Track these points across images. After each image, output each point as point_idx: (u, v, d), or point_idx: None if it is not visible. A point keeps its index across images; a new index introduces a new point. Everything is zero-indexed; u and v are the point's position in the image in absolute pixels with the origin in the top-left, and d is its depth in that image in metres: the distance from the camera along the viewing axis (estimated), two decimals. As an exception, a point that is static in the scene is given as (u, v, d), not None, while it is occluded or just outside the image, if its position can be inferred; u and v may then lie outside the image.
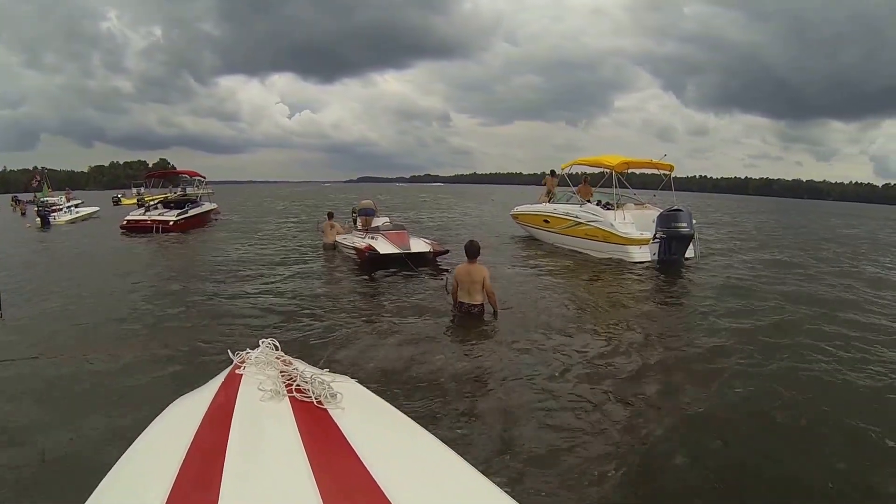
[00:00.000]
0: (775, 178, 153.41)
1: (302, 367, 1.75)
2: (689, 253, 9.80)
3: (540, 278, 8.27)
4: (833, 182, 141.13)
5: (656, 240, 9.39)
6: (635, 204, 11.13)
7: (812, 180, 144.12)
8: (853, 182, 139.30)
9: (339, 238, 10.21)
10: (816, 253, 12.70)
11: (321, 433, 1.35)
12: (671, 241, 9.31)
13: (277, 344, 1.95)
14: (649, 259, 9.41)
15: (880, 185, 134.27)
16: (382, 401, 1.71)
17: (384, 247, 8.45)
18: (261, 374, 1.68)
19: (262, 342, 1.95)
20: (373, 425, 1.53)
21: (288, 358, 1.87)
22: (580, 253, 10.50)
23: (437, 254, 8.88)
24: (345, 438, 1.31)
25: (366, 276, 8.03)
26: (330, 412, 1.46)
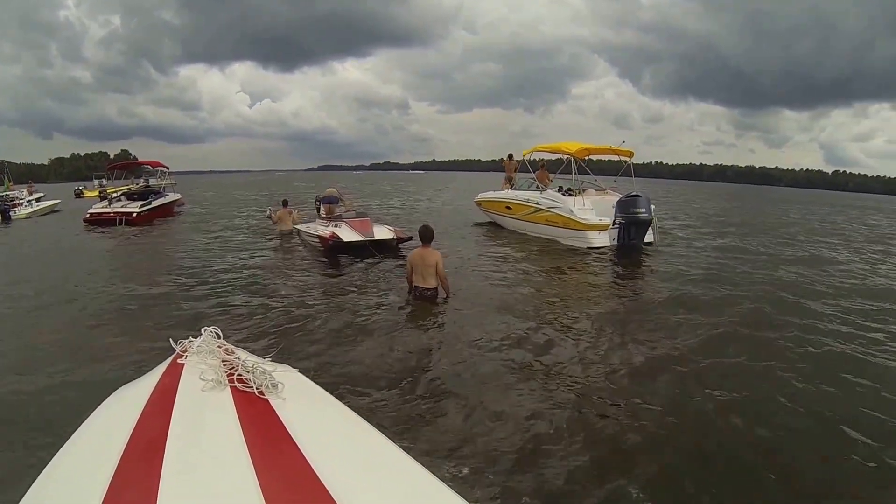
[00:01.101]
0: (729, 164, 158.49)
1: (244, 357, 1.72)
2: (649, 238, 9.95)
3: (500, 264, 8.25)
4: (785, 169, 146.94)
5: (615, 225, 9.45)
6: (596, 190, 11.19)
7: (765, 167, 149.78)
8: (804, 169, 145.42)
9: (301, 226, 10.14)
10: (774, 238, 13.05)
11: (262, 424, 1.34)
12: (630, 226, 9.38)
13: (220, 332, 1.90)
14: (608, 244, 9.47)
15: (829, 172, 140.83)
16: (323, 391, 1.71)
17: (347, 234, 8.43)
18: (202, 364, 1.65)
19: (205, 330, 1.90)
20: (313, 416, 1.53)
21: (230, 347, 1.85)
22: (541, 239, 10.52)
23: (400, 241, 8.83)
24: (285, 429, 1.31)
25: (329, 264, 7.97)
26: (271, 402, 1.46)
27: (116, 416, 1.45)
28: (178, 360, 1.72)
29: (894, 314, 5.81)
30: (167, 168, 19.53)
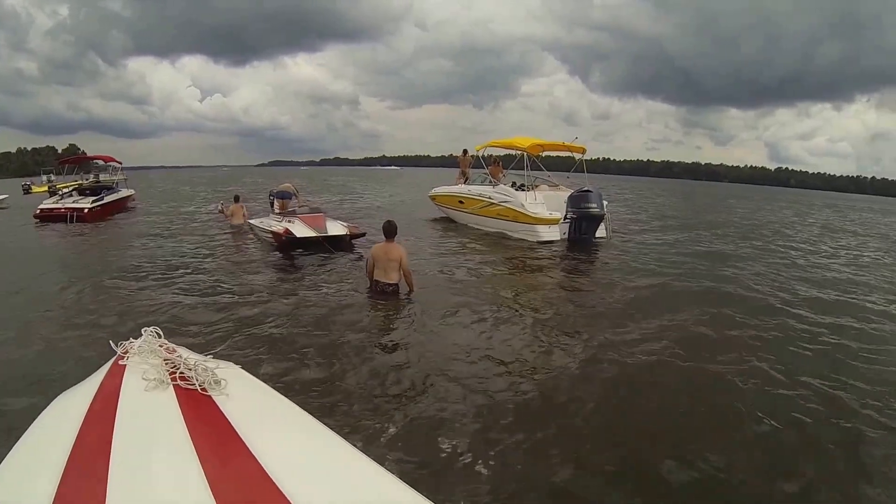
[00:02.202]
0: (676, 161, 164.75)
1: (186, 355, 1.74)
2: (601, 233, 10.13)
3: (452, 257, 8.22)
4: (730, 165, 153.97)
5: (567, 220, 9.54)
6: (549, 185, 11.28)
7: (710, 164, 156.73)
8: (748, 165, 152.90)
9: (255, 221, 10.05)
10: (722, 232, 13.55)
11: (206, 420, 1.35)
12: (581, 221, 9.53)
13: (160, 332, 1.91)
14: (558, 238, 9.57)
15: (773, 169, 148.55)
16: (266, 386, 1.74)
17: (301, 230, 8.35)
18: (144, 364, 1.66)
19: (145, 331, 1.91)
20: (257, 410, 1.54)
21: (172, 346, 1.86)
22: (494, 232, 10.56)
23: (353, 236, 8.74)
24: (230, 425, 1.32)
25: (282, 260, 7.87)
26: (214, 399, 1.47)
27: (60, 423, 1.43)
28: (120, 362, 1.71)
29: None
30: (120, 163, 18.99)
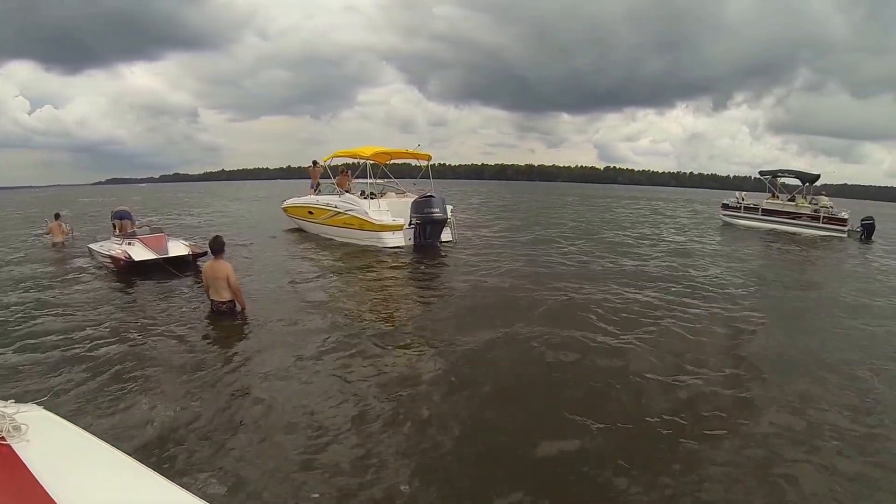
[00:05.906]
0: (510, 163, 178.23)
1: None
2: (447, 236, 10.74)
3: (297, 269, 8.28)
4: (562, 166, 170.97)
5: (411, 226, 10.00)
6: (396, 192, 11.69)
7: (543, 165, 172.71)
8: (579, 166, 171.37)
9: (95, 245, 9.25)
10: (561, 230, 15.15)
11: (5, 473, 1.25)
12: (426, 225, 10.03)
13: None
14: (403, 244, 10.03)
15: (602, 168, 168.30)
16: (76, 427, 1.62)
17: (140, 253, 7.92)
18: None
19: None
20: (63, 455, 1.44)
21: None
22: (341, 242, 10.70)
23: (196, 256, 8.32)
24: (31, 475, 1.23)
25: (121, 284, 7.34)
26: (14, 447, 1.36)
27: None
28: None
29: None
30: None
